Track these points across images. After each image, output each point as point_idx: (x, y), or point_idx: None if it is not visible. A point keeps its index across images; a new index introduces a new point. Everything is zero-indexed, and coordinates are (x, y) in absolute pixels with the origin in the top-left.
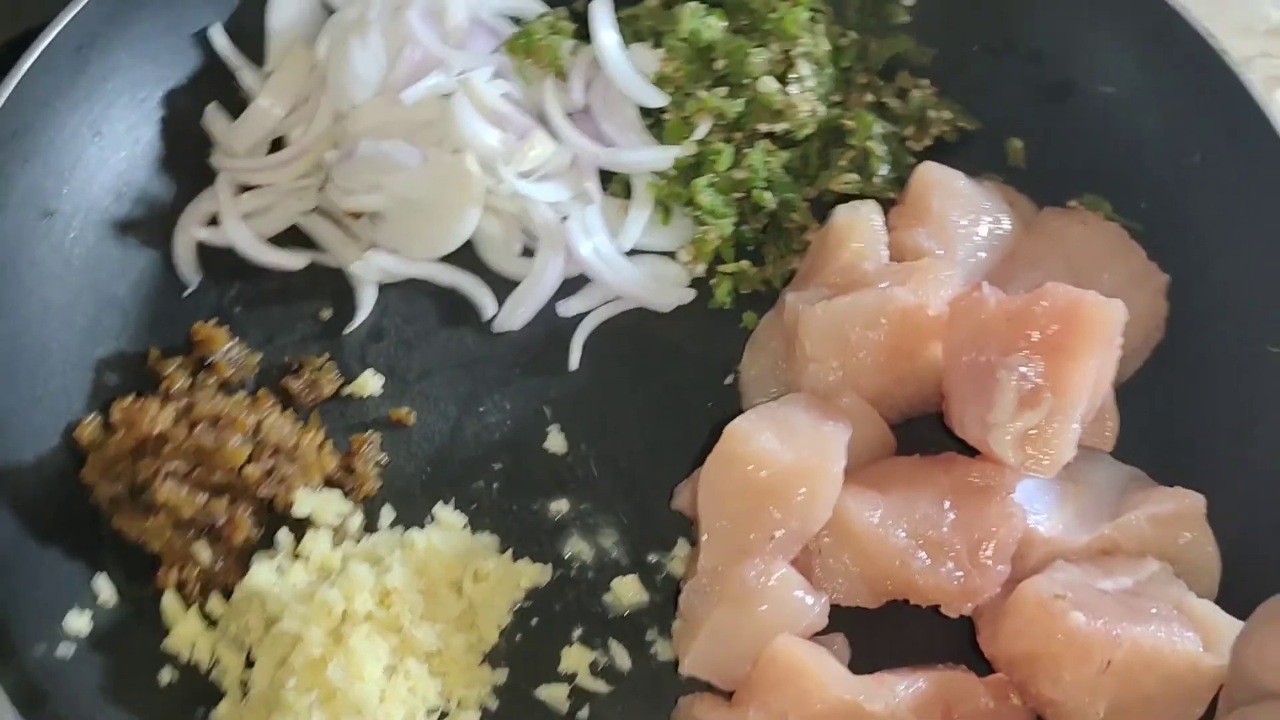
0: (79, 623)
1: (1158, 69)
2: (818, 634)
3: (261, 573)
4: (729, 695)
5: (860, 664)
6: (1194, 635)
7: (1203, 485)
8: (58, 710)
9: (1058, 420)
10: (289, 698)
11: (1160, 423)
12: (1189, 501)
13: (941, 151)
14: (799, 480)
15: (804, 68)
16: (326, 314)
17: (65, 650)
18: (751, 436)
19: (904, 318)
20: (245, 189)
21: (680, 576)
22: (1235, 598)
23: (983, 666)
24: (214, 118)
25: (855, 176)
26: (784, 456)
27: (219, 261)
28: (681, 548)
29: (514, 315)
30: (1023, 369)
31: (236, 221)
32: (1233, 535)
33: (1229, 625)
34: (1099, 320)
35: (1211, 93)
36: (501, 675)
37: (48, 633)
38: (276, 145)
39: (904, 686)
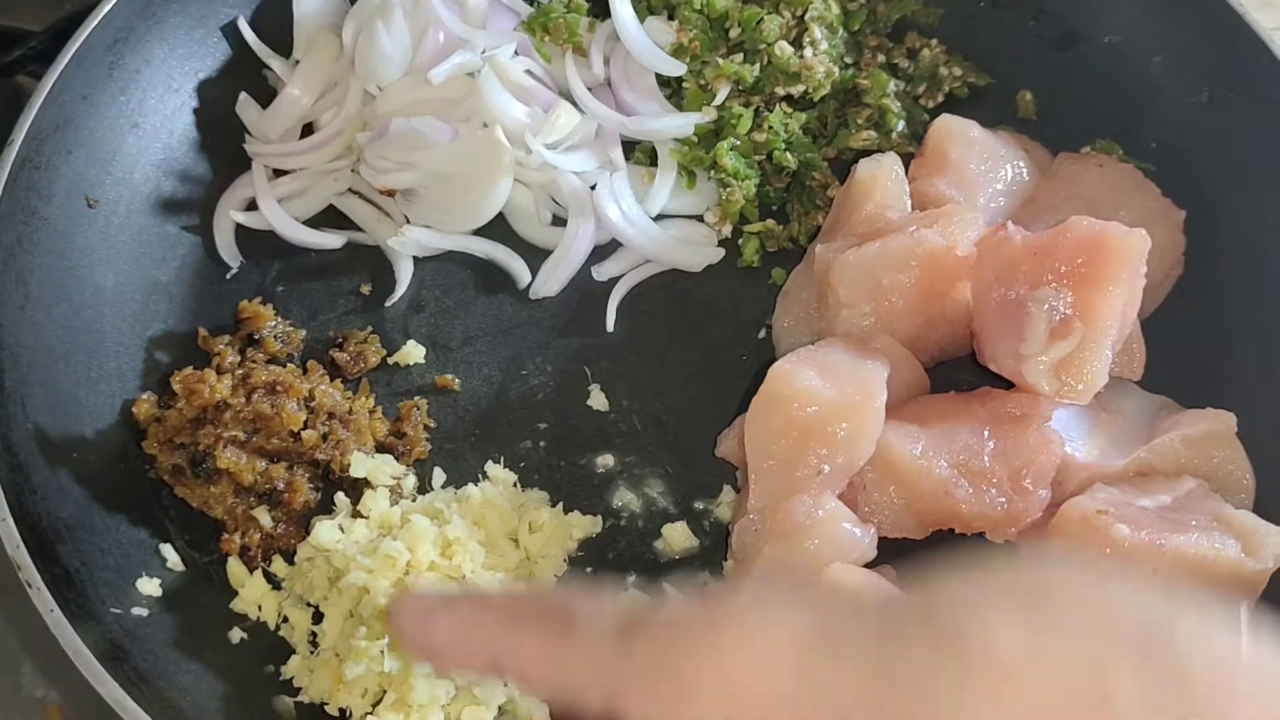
0: (149, 587)
1: (1158, 13)
2: (867, 565)
3: (325, 530)
4: None
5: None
6: (1235, 542)
7: (1231, 409)
8: (138, 666)
9: (1089, 348)
10: (359, 646)
11: (1185, 352)
12: (1221, 420)
13: (954, 108)
14: (843, 416)
15: (816, 31)
16: (366, 289)
17: (140, 612)
18: (795, 376)
19: (933, 260)
20: (280, 173)
21: (728, 521)
22: (1271, 510)
23: None
24: (246, 106)
25: (873, 133)
26: (827, 394)
27: (259, 243)
28: (727, 494)
29: (549, 282)
30: (1052, 301)
31: (273, 205)
32: (1265, 453)
33: (1268, 531)
34: (1123, 249)
35: (1213, 31)
36: None
37: (122, 597)
38: (308, 130)
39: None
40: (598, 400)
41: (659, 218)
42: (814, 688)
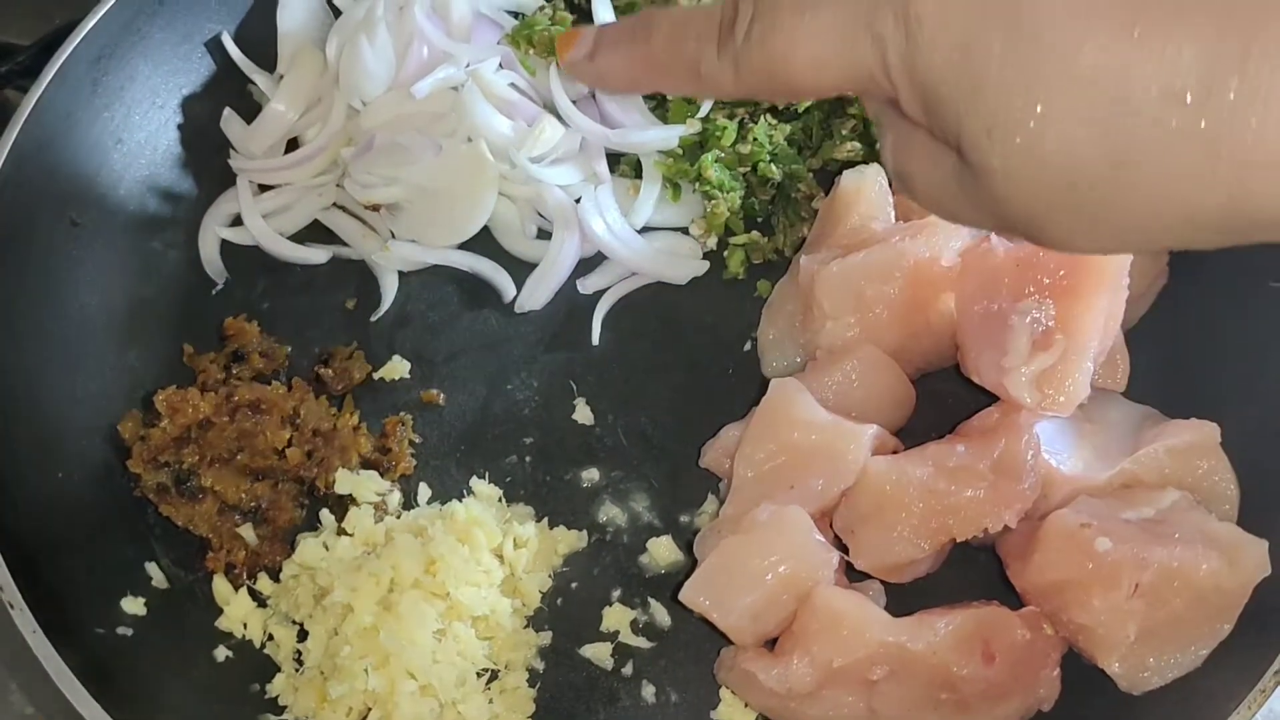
0: (134, 606)
1: None
2: (853, 581)
3: (309, 548)
4: (771, 645)
5: (894, 607)
6: (1218, 555)
7: (1215, 418)
8: (123, 686)
9: (1071, 360)
10: (344, 664)
11: (1170, 363)
12: (1204, 431)
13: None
14: (832, 442)
15: None
16: (352, 304)
17: (124, 631)
18: (798, 402)
19: (917, 271)
20: (265, 188)
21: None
22: (1255, 521)
23: (1013, 602)
24: (230, 122)
25: (858, 145)
26: (825, 420)
27: (244, 259)
28: (710, 504)
29: (534, 295)
30: (1034, 313)
31: (258, 220)
32: (1249, 462)
33: (1251, 544)
34: (1104, 262)
35: None
36: (546, 638)
37: (106, 617)
38: (292, 145)
39: (943, 625)
40: (583, 414)
41: (644, 230)
42: None
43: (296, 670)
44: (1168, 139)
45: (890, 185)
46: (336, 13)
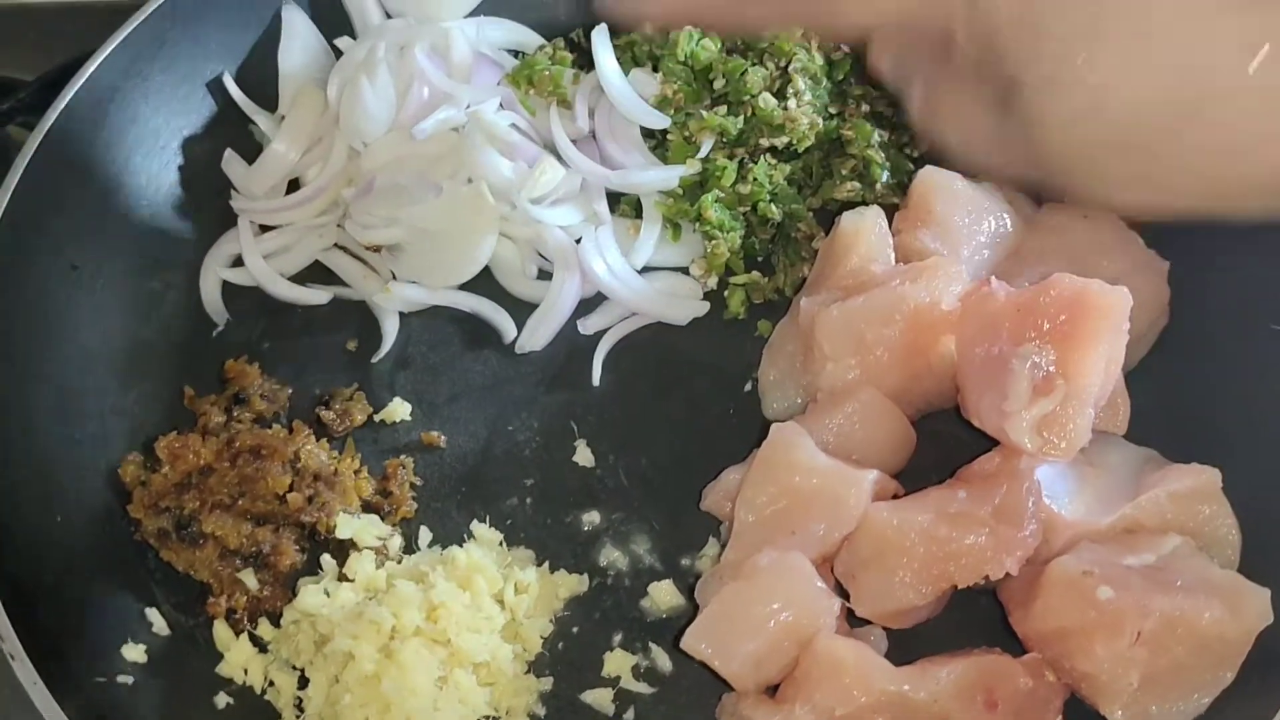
0: (134, 653)
1: None
2: (855, 627)
3: (310, 595)
4: (772, 692)
5: (895, 654)
6: (1220, 603)
7: (1217, 462)
8: None
9: (1072, 405)
10: (345, 713)
11: (1171, 404)
12: (1206, 476)
13: (939, 156)
14: (834, 487)
15: (800, 82)
16: (353, 345)
17: (124, 679)
18: (799, 445)
19: (917, 315)
20: (266, 229)
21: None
22: (1257, 566)
23: (1014, 648)
24: (232, 162)
25: (857, 184)
26: (827, 465)
27: (245, 300)
28: (711, 547)
29: (535, 336)
30: (1035, 358)
31: (259, 261)
32: (1251, 507)
33: (1254, 592)
34: (1105, 307)
35: None
36: (547, 683)
37: (106, 664)
38: (293, 186)
39: (945, 673)
40: (583, 456)
41: (644, 270)
42: None
43: (297, 718)
44: (1241, 95)
45: (890, 224)
46: (338, 53)
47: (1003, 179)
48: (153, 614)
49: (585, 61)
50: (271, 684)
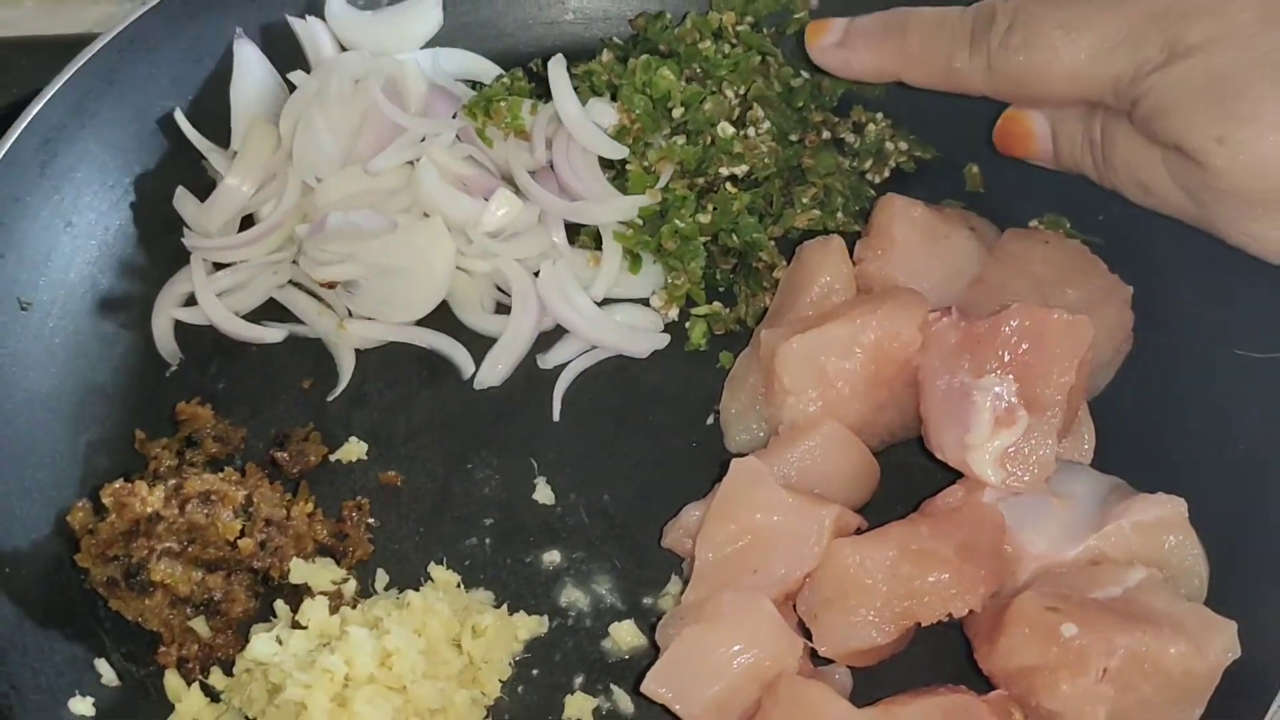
0: (82, 707)
1: None
2: (818, 666)
3: (261, 643)
4: None
5: (860, 691)
6: (1186, 639)
7: (1183, 489)
8: None
9: (1034, 437)
10: None
11: (1137, 431)
12: (1171, 507)
13: (901, 182)
14: (794, 525)
15: (759, 110)
16: (308, 383)
17: None
18: (760, 482)
19: (877, 346)
20: (219, 267)
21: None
22: (1224, 597)
23: (981, 683)
24: (183, 200)
25: (818, 213)
26: (788, 502)
27: (199, 340)
28: (674, 584)
29: (493, 372)
30: (996, 389)
31: (212, 300)
32: (1217, 536)
33: (1220, 626)
34: (1066, 337)
35: None
36: None
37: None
38: (247, 222)
39: (909, 714)
40: (544, 494)
41: (604, 302)
42: None
43: None
44: None
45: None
46: (291, 88)
47: (1174, 214)
48: (101, 664)
49: (545, 91)
50: None
